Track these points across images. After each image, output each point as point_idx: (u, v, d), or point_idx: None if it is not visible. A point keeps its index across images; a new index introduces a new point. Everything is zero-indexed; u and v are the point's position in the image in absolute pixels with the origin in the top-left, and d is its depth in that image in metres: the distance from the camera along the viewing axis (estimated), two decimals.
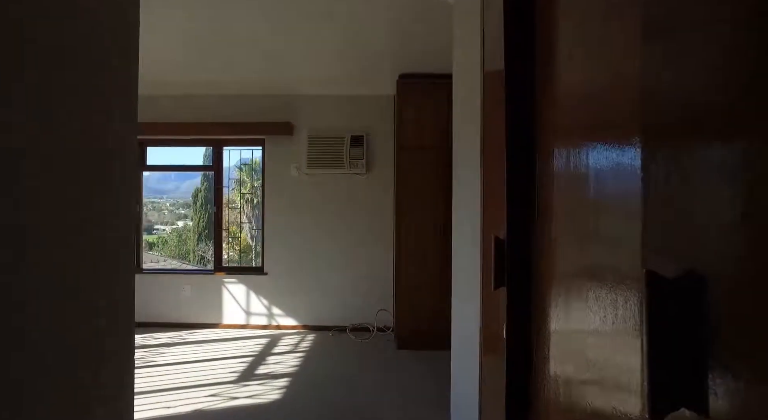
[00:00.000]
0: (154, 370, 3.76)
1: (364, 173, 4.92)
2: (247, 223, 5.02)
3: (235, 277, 5.05)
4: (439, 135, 4.28)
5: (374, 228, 4.97)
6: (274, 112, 4.96)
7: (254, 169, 5.51)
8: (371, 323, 4.90)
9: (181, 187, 5.15)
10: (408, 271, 4.30)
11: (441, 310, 4.26)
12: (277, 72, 4.35)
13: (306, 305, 5.01)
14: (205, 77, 4.50)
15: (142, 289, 4.82)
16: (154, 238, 18.23)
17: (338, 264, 4.99)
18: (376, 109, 4.96)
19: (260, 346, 4.41)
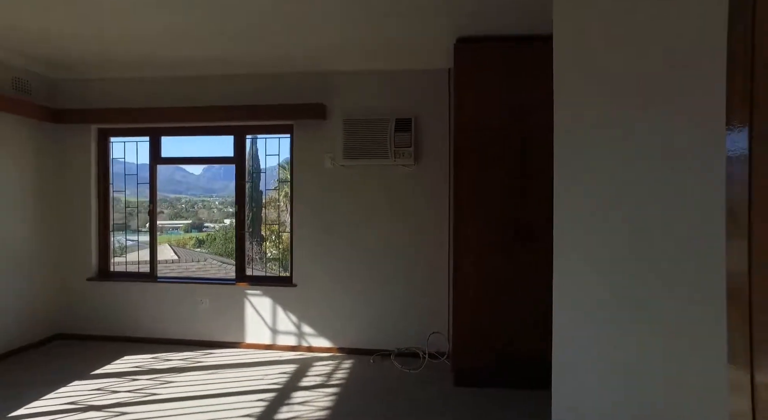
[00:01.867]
0: (149, 408, 3.00)
1: (412, 164, 4.02)
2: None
3: (260, 288, 4.27)
4: (512, 113, 3.34)
5: (425, 231, 4.06)
6: (304, 93, 4.16)
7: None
8: (422, 348, 4.00)
9: (230, 186, 4.60)
10: (470, 285, 3.38)
11: (522, 336, 3.33)
12: (304, 42, 3.54)
13: (342, 324, 4.17)
14: (220, 53, 3.75)
15: (155, 300, 4.12)
16: (203, 236, 18.36)
17: (381, 274, 4.12)
18: (427, 86, 4.06)
19: (286, 376, 3.59)
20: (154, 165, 4.46)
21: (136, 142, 4.49)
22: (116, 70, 4.22)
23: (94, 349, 4.18)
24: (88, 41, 3.55)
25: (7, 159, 3.99)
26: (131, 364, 3.81)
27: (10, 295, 4.01)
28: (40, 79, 4.31)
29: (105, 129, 4.48)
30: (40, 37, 3.48)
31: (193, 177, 26.15)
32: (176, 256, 11.77)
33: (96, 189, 4.49)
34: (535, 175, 3.31)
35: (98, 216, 4.51)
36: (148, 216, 4.51)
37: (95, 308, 4.45)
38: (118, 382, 3.44)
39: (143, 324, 4.39)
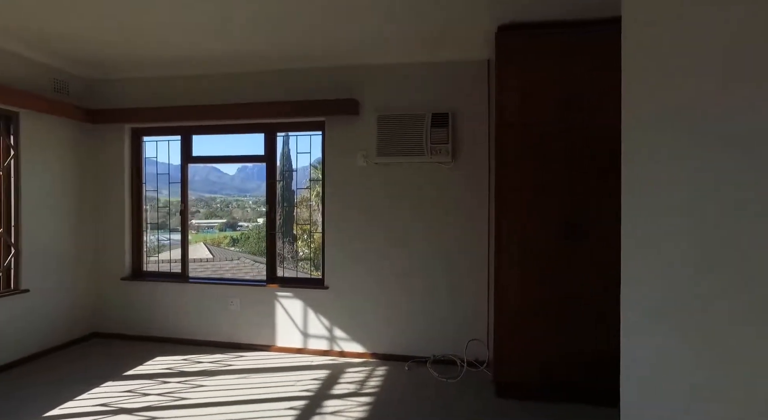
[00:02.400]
0: (178, 413, 2.92)
1: (450, 161, 3.81)
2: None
3: (291, 290, 4.15)
4: (559, 105, 3.08)
5: (464, 231, 3.85)
6: (335, 88, 4.01)
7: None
8: (459, 356, 3.79)
9: (263, 186, 4.54)
10: (512, 288, 3.14)
11: (573, 346, 3.07)
12: (336, 35, 3.39)
13: (376, 328, 4.00)
14: (250, 48, 3.64)
15: (187, 300, 4.05)
16: (237, 234, 18.72)
17: (417, 277, 3.93)
18: (465, 79, 3.84)
19: (318, 382, 3.45)
20: (185, 164, 4.42)
21: (167, 141, 4.47)
22: (149, 69, 4.20)
23: (127, 348, 4.17)
24: (122, 41, 3.52)
25: (47, 159, 4.03)
26: (162, 365, 3.77)
27: (49, 293, 4.04)
28: (78, 80, 4.33)
29: (138, 128, 4.48)
30: (76, 38, 3.47)
31: (227, 177, 26.69)
32: (211, 254, 11.90)
33: (129, 188, 4.49)
34: (585, 171, 3.05)
35: (131, 216, 4.51)
36: (179, 215, 4.47)
37: (129, 308, 4.45)
38: (149, 384, 3.39)
39: (175, 324, 4.35)
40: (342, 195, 4.04)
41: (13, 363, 3.71)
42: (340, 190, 4.05)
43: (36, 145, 3.93)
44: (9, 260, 3.79)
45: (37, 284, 3.95)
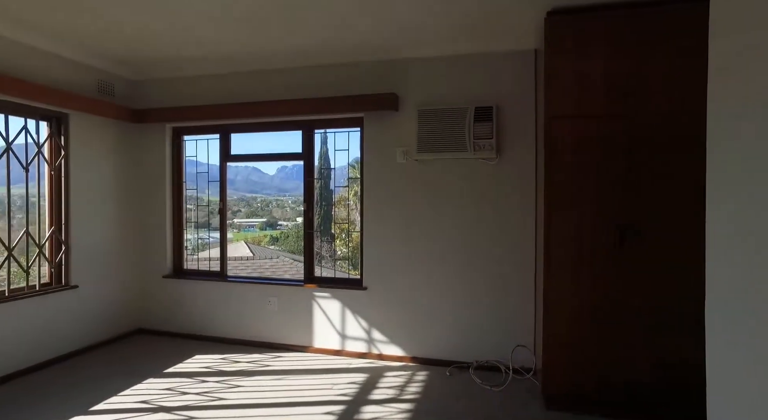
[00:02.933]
0: (216, 413, 2.88)
1: (494, 157, 3.61)
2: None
3: (329, 290, 4.07)
4: (619, 95, 2.83)
5: (509, 231, 3.64)
6: (374, 83, 3.89)
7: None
8: (505, 362, 3.59)
9: (302, 186, 4.51)
10: (564, 292, 2.92)
11: (632, 356, 2.80)
12: (374, 28, 3.27)
13: (416, 331, 3.85)
14: (286, 45, 3.58)
15: (225, 299, 4.00)
16: (277, 233, 19.11)
17: (459, 279, 3.76)
18: (510, 70, 3.63)
19: (355, 386, 3.34)
20: (224, 163, 4.43)
21: (207, 140, 4.49)
22: (188, 68, 4.23)
23: (169, 345, 4.21)
24: (163, 41, 3.54)
25: (94, 159, 4.13)
26: (201, 363, 3.77)
27: (97, 289, 4.14)
28: (122, 81, 4.42)
29: (178, 128, 4.53)
30: (121, 39, 3.52)
31: (267, 177, 27.21)
32: (251, 253, 12.08)
33: (170, 187, 4.55)
34: (642, 165, 2.79)
35: (172, 214, 4.57)
36: (218, 214, 4.48)
37: (170, 305, 4.50)
38: (188, 382, 3.38)
39: (214, 322, 4.37)
40: (381, 193, 3.92)
41: (63, 356, 3.82)
42: (378, 188, 3.93)
43: (83, 144, 4.03)
44: (60, 257, 3.90)
45: (86, 280, 4.05)
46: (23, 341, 3.54)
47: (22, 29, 3.36)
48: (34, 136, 3.68)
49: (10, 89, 3.30)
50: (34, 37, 3.50)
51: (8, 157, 3.50)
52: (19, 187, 3.61)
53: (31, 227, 3.68)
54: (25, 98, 3.45)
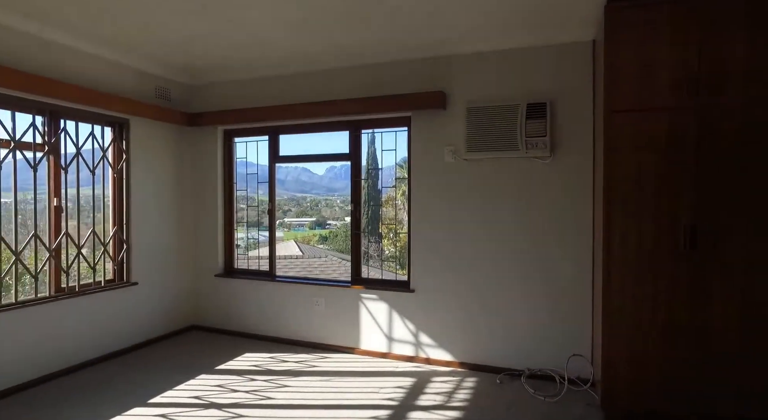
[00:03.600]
0: (264, 412, 2.91)
1: (548, 156, 3.44)
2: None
3: (376, 292, 4.03)
4: (684, 86, 2.60)
5: (564, 233, 3.45)
6: (421, 81, 3.81)
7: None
8: (558, 372, 3.40)
9: (350, 186, 4.55)
10: (626, 300, 2.72)
11: (705, 373, 2.56)
12: (421, 25, 3.19)
13: (464, 336, 3.74)
14: (332, 44, 3.57)
15: (274, 298, 4.00)
16: (326, 233, 19.44)
17: (510, 283, 3.60)
18: (565, 64, 3.44)
19: (402, 391, 3.28)
20: (272, 164, 4.50)
21: (256, 141, 4.58)
22: (239, 72, 4.33)
23: (220, 343, 4.33)
24: (217, 48, 3.64)
25: (151, 162, 4.31)
26: (250, 362, 3.84)
27: (154, 286, 4.33)
28: (177, 86, 4.60)
29: (229, 130, 4.65)
30: (178, 47, 3.65)
31: (317, 177, 27.75)
32: (301, 252, 12.32)
33: (222, 188, 4.68)
34: (716, 163, 2.54)
35: (224, 214, 4.70)
36: (267, 215, 4.56)
37: (221, 304, 4.64)
38: (237, 380, 3.45)
39: (262, 321, 4.45)
40: (428, 194, 3.83)
41: (124, 349, 4.02)
42: (426, 188, 3.84)
43: (142, 148, 4.22)
44: (122, 255, 4.10)
45: (145, 278, 4.24)
46: (90, 333, 3.75)
47: (90, 41, 3.56)
48: (99, 141, 3.89)
49: (81, 98, 3.51)
50: (100, 47, 3.70)
51: (78, 162, 3.71)
52: (86, 189, 3.83)
53: (97, 227, 3.89)
54: (95, 106, 3.66)
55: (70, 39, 3.50)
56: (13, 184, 3.28)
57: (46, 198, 3.56)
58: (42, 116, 3.49)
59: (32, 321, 3.36)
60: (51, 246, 3.54)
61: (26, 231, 3.45)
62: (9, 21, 3.14)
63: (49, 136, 3.53)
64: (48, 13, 3.07)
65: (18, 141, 3.30)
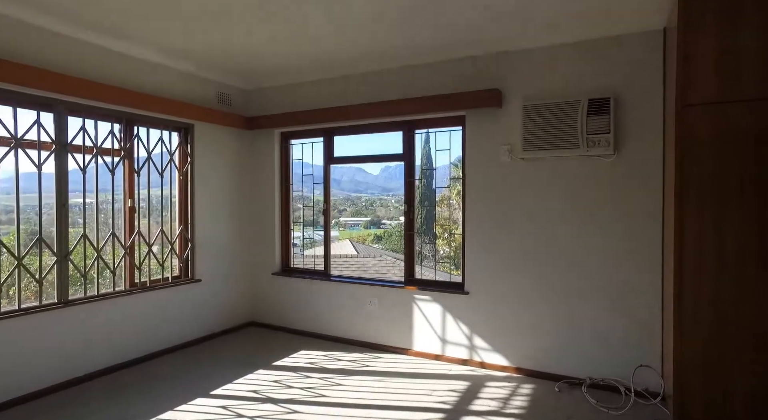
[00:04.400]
0: (318, 410, 2.96)
1: (611, 154, 3.24)
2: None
3: (429, 293, 3.99)
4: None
5: (630, 235, 3.25)
6: (476, 79, 3.72)
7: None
8: (624, 383, 3.20)
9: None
10: (702, 308, 2.51)
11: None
12: (474, 21, 3.11)
13: (521, 340, 3.62)
14: (390, 45, 3.57)
15: (328, 298, 4.03)
16: (381, 232, 19.63)
17: (571, 286, 3.44)
18: (631, 55, 3.23)
19: (455, 395, 3.22)
20: (327, 165, 4.58)
21: (312, 143, 4.68)
22: (295, 75, 4.45)
23: (277, 339, 4.47)
24: (274, 54, 3.75)
25: (213, 164, 4.53)
26: (305, 359, 3.93)
27: (216, 283, 4.54)
28: (237, 91, 4.80)
29: (286, 132, 4.78)
30: (239, 54, 3.80)
31: (372, 177, 28.05)
32: (355, 251, 12.47)
33: (279, 189, 4.83)
34: None
35: (281, 214, 4.84)
36: (322, 215, 4.65)
37: (278, 301, 4.78)
38: (293, 376, 3.54)
39: (317, 320, 4.54)
40: (484, 194, 3.74)
41: (188, 343, 4.25)
42: (481, 188, 3.75)
43: (205, 151, 4.44)
44: (187, 253, 4.34)
45: (207, 275, 4.46)
46: (158, 326, 4.00)
47: (159, 52, 3.79)
48: (167, 146, 4.14)
49: (153, 106, 3.77)
50: (168, 58, 3.93)
51: (149, 165, 3.97)
52: (155, 190, 4.08)
53: (165, 226, 4.14)
54: (164, 113, 3.90)
55: (142, 51, 3.75)
56: (95, 186, 3.57)
57: (121, 199, 3.83)
58: (119, 124, 3.76)
59: (110, 312, 3.62)
60: (126, 243, 3.81)
61: (106, 229, 3.73)
62: (88, 37, 3.40)
63: (125, 142, 3.80)
64: (121, 28, 3.30)
65: (99, 147, 3.57)
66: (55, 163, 3.31)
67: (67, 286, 3.37)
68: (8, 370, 3.02)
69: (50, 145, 3.29)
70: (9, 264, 3.11)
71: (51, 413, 2.93)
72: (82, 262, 3.49)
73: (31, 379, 3.14)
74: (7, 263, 3.08)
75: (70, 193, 3.38)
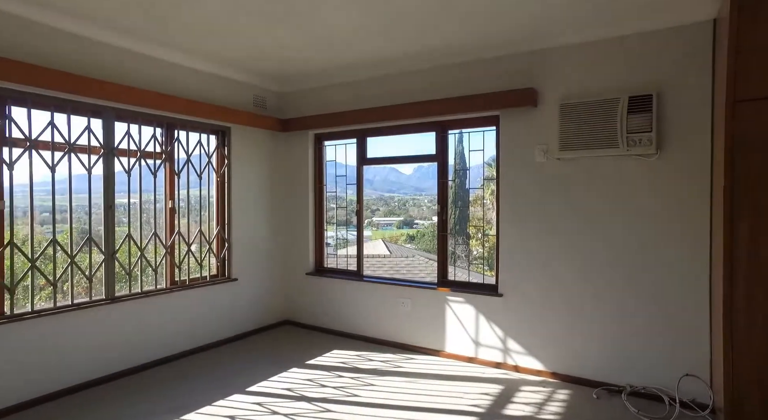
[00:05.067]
0: (350, 409, 2.98)
1: (653, 153, 3.11)
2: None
3: (462, 295, 3.96)
4: None
5: (672, 238, 3.11)
6: (510, 79, 3.66)
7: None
8: (668, 392, 3.07)
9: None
10: (756, 316, 2.37)
11: None
12: (508, 18, 3.05)
13: (557, 344, 3.53)
14: (423, 45, 3.56)
15: (361, 298, 4.03)
16: (414, 232, 19.57)
17: (609, 290, 3.33)
18: (676, 49, 3.09)
19: (488, 399, 3.18)
20: (360, 166, 4.60)
21: (345, 144, 4.71)
22: (328, 77, 4.49)
23: (311, 338, 4.54)
24: (308, 56, 3.81)
25: (248, 166, 4.64)
26: (338, 358, 3.97)
27: (251, 282, 4.65)
28: (272, 94, 4.90)
29: (319, 134, 4.84)
30: (272, 57, 3.88)
31: (404, 177, 28.03)
32: (388, 251, 12.48)
33: (313, 190, 4.89)
34: None
35: (314, 215, 4.91)
36: (355, 215, 4.68)
37: (312, 301, 4.85)
38: (326, 375, 3.58)
39: (350, 320, 4.57)
40: (518, 194, 3.67)
41: (224, 340, 4.37)
42: (516, 188, 3.68)
43: (241, 153, 4.55)
44: (224, 253, 4.46)
45: (243, 274, 4.57)
46: (198, 323, 4.13)
47: (197, 58, 3.92)
48: (205, 148, 4.27)
49: (192, 110, 3.90)
50: (206, 63, 4.05)
51: (188, 168, 4.11)
52: (194, 191, 4.22)
53: (203, 226, 4.27)
54: (202, 117, 4.02)
55: (180, 57, 3.88)
56: (138, 188, 3.72)
57: (163, 200, 3.98)
58: (161, 128, 3.91)
59: (152, 309, 3.77)
60: (167, 243, 3.95)
61: (148, 228, 3.89)
62: (133, 45, 3.56)
63: (166, 146, 3.95)
64: (161, 36, 3.42)
65: (143, 151, 3.73)
66: (103, 167, 3.48)
67: (113, 283, 3.53)
68: (60, 363, 3.20)
69: (99, 149, 3.46)
70: (63, 261, 3.29)
71: (105, 402, 3.08)
72: (127, 261, 3.65)
73: (78, 372, 3.31)
74: (61, 260, 3.26)
75: (115, 194, 3.55)
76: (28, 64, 2.90)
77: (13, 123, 3.02)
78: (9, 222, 2.98)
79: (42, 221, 3.83)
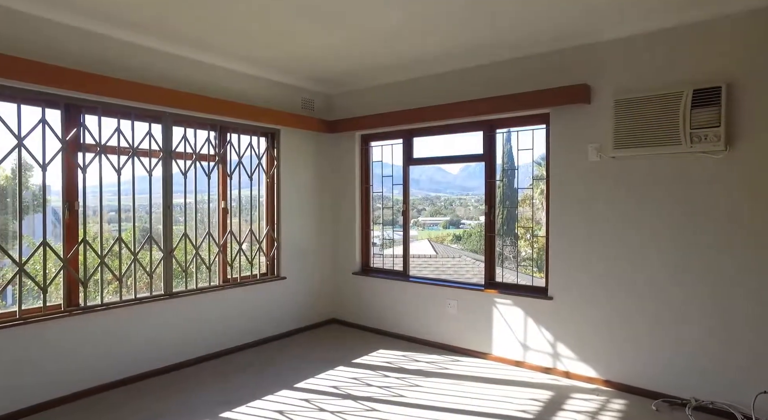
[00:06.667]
0: (395, 409, 2.98)
1: (721, 150, 2.90)
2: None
3: (510, 297, 3.86)
4: None
5: (743, 243, 2.88)
6: (561, 75, 3.53)
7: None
8: (741, 409, 2.86)
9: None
10: None
11: None
12: (559, 11, 2.93)
13: (611, 351, 3.37)
14: (467, 42, 3.50)
15: (407, 298, 4.01)
16: (460, 232, 19.36)
17: (670, 296, 3.14)
18: (748, 34, 2.86)
19: (537, 405, 3.08)
20: (406, 166, 4.60)
21: (391, 145, 4.72)
22: (373, 79, 4.52)
23: (357, 337, 4.58)
24: (354, 59, 3.85)
25: (297, 167, 4.75)
26: (384, 358, 3.98)
27: (299, 281, 4.77)
28: (319, 96, 4.99)
29: (366, 135, 4.88)
30: (319, 60, 3.95)
31: (451, 176, 27.72)
32: (434, 251, 12.39)
33: (359, 190, 4.94)
34: None
35: (361, 215, 4.95)
36: (401, 215, 4.68)
37: (358, 300, 4.90)
38: (371, 375, 3.61)
39: (396, 320, 4.58)
40: (570, 195, 3.54)
41: (273, 337, 4.50)
42: (567, 189, 3.55)
43: (290, 155, 4.67)
44: (273, 252, 4.60)
45: (291, 273, 4.69)
46: (248, 320, 4.28)
47: (247, 63, 4.05)
48: (256, 150, 4.41)
49: (243, 114, 4.04)
50: (254, 67, 4.19)
51: (240, 170, 4.26)
52: (245, 191, 4.37)
53: (253, 225, 4.42)
54: (253, 120, 4.16)
55: (231, 62, 4.03)
56: (194, 189, 3.91)
57: (216, 200, 4.16)
58: (214, 131, 4.08)
59: (206, 305, 3.95)
60: (220, 241, 4.12)
61: (202, 228, 4.07)
62: (188, 52, 3.73)
63: (219, 148, 4.11)
64: (212, 42, 3.56)
65: (197, 153, 3.91)
66: (162, 169, 3.67)
67: (171, 279, 3.73)
68: (123, 354, 3.41)
69: (158, 152, 3.66)
70: (127, 258, 3.51)
71: (161, 392, 3.25)
72: (183, 258, 3.84)
73: (138, 362, 3.52)
74: (125, 257, 3.48)
75: (173, 195, 3.74)
76: (101, 76, 3.13)
77: (86, 130, 3.26)
78: (82, 221, 3.22)
79: (109, 220, 4.11)
